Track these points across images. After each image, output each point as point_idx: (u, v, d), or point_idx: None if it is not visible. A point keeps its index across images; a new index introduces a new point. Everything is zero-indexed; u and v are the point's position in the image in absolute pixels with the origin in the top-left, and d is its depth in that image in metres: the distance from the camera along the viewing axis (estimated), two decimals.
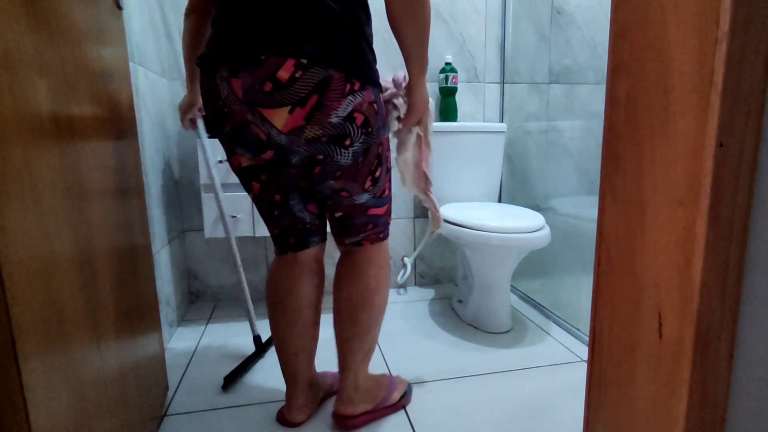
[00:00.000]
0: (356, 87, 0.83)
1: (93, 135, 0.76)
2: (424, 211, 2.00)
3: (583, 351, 1.41)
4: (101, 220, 0.77)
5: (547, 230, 1.42)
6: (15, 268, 0.50)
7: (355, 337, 1.00)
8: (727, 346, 0.44)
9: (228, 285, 1.86)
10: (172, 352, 1.44)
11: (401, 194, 1.96)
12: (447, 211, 1.58)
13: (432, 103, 1.07)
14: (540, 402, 1.15)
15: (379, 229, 1.01)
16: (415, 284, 2.06)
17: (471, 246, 1.46)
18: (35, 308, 0.54)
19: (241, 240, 1.84)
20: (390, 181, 1.01)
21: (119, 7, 0.95)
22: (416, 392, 1.20)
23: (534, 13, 1.83)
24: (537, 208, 1.86)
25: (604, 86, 0.53)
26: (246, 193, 1.51)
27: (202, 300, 1.86)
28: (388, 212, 1.03)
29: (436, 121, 1.93)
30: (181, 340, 1.52)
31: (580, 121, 1.70)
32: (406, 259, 1.99)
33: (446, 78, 1.84)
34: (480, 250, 1.45)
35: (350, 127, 0.84)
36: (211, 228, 1.52)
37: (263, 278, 1.88)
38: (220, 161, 1.46)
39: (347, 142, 0.86)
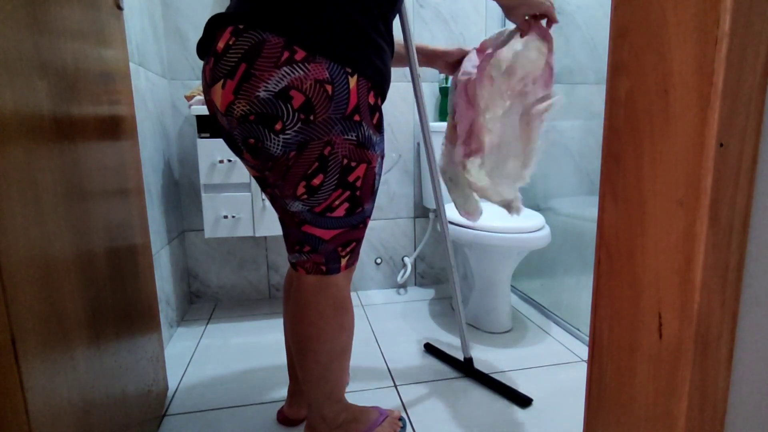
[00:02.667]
0: (298, 56, 0.66)
1: (93, 135, 0.76)
2: (424, 212, 2.00)
3: (583, 351, 1.41)
4: (101, 220, 0.77)
5: (547, 230, 1.42)
6: (15, 268, 0.50)
7: (306, 381, 0.86)
8: (727, 346, 0.44)
9: (228, 285, 1.86)
10: (172, 352, 1.44)
11: (403, 194, 1.96)
12: (447, 211, 1.57)
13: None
14: (540, 402, 1.14)
15: (318, 258, 0.79)
16: (415, 284, 2.06)
17: (471, 246, 1.46)
18: (35, 308, 0.54)
19: (241, 240, 1.84)
20: (353, 203, 0.77)
21: (119, 8, 0.95)
22: (416, 392, 1.20)
23: None
24: (537, 208, 1.86)
25: (604, 86, 0.53)
26: (246, 193, 1.51)
27: (202, 300, 1.86)
28: (341, 242, 0.80)
29: (436, 121, 1.93)
30: (181, 340, 1.52)
31: (580, 121, 1.70)
32: (406, 259, 1.99)
33: (446, 78, 1.83)
34: (480, 250, 1.45)
35: (282, 107, 0.67)
36: (211, 228, 1.52)
37: (263, 278, 1.88)
38: (221, 161, 1.46)
39: (278, 126, 0.69)
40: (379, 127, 0.78)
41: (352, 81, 0.70)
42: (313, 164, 0.72)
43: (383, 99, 0.80)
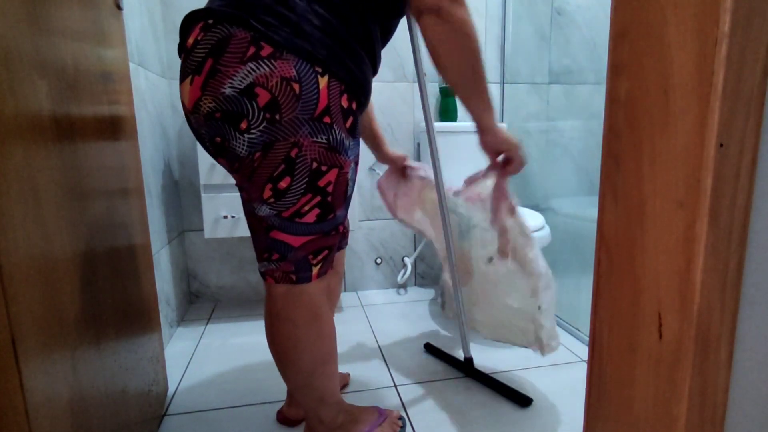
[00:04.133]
0: (264, 52, 0.64)
1: (93, 135, 0.76)
2: None
3: (583, 351, 1.41)
4: (101, 220, 0.77)
5: (547, 230, 1.42)
6: (15, 268, 0.50)
7: (294, 389, 0.85)
8: (727, 347, 0.44)
9: (228, 285, 1.86)
10: (172, 352, 1.44)
11: None
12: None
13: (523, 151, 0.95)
14: (540, 402, 1.14)
15: (287, 266, 0.76)
16: (415, 284, 2.06)
17: None
18: (35, 308, 0.54)
19: (241, 240, 1.84)
20: (324, 209, 0.75)
21: (119, 8, 0.95)
22: (416, 392, 1.20)
23: (534, 13, 1.83)
24: (537, 208, 1.86)
25: (604, 86, 0.53)
26: None
27: (202, 300, 1.86)
28: (312, 250, 0.77)
29: (436, 121, 1.93)
30: (181, 340, 1.52)
31: (580, 121, 1.70)
32: (406, 259, 1.99)
33: None
34: None
35: (248, 105, 0.65)
36: (211, 228, 1.52)
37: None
38: None
39: (243, 125, 0.66)
40: (352, 132, 0.75)
41: (322, 81, 0.68)
42: (279, 166, 0.69)
43: (360, 106, 0.77)
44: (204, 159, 1.46)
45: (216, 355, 1.42)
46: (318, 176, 0.72)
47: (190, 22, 0.71)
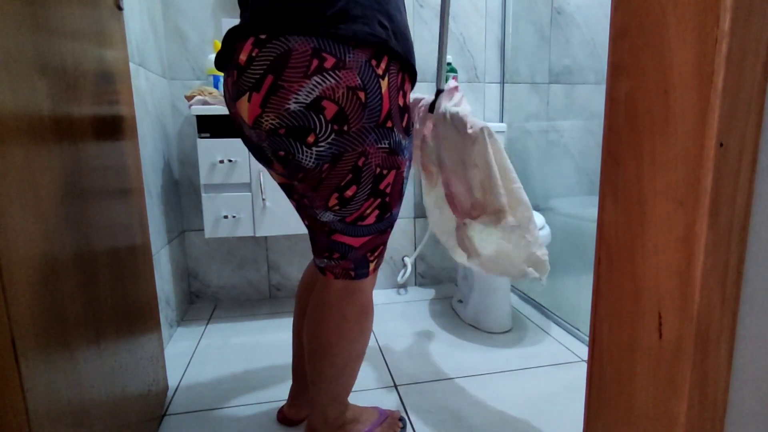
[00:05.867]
0: (327, 64, 0.63)
1: (93, 135, 0.76)
2: (424, 211, 2.00)
3: (583, 351, 1.41)
4: (101, 221, 0.77)
5: (547, 230, 1.42)
6: (15, 268, 0.50)
7: (317, 382, 0.85)
8: (727, 346, 0.44)
9: (228, 285, 1.86)
10: (172, 352, 1.44)
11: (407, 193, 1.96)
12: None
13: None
14: (540, 402, 1.14)
15: (347, 264, 0.80)
16: (415, 284, 2.06)
17: None
18: (35, 308, 0.54)
19: (242, 240, 1.84)
20: (383, 209, 0.77)
21: (119, 8, 0.95)
22: (416, 392, 1.20)
23: (534, 13, 1.83)
24: (537, 208, 1.86)
25: (604, 86, 0.53)
26: (246, 193, 1.51)
27: (202, 300, 1.86)
28: (371, 248, 0.80)
29: None
30: (181, 340, 1.52)
31: (580, 121, 1.70)
32: (406, 259, 1.99)
33: (446, 78, 1.84)
34: None
35: (315, 119, 0.65)
36: (211, 228, 1.52)
37: (264, 278, 1.88)
38: (221, 161, 1.46)
39: (310, 139, 0.66)
40: (408, 130, 0.77)
41: (384, 85, 0.68)
42: (346, 176, 0.70)
43: (413, 84, 0.77)
44: (204, 159, 1.46)
45: (216, 355, 1.42)
46: (380, 180, 0.73)
47: (236, 36, 0.69)
